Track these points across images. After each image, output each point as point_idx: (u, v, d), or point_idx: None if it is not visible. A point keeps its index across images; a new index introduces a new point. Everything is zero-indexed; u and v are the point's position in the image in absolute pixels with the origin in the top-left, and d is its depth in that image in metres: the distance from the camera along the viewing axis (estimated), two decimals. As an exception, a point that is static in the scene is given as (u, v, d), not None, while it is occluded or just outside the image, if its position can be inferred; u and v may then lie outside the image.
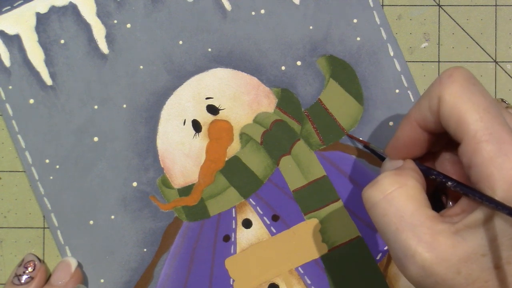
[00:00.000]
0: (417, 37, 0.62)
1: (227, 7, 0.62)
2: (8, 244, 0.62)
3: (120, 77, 0.61)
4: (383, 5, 0.62)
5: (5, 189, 0.62)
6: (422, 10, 0.62)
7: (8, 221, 0.62)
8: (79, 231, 0.61)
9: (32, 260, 0.60)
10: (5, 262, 0.62)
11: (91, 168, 0.61)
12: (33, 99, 0.61)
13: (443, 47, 0.62)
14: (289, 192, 0.61)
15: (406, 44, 0.62)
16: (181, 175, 0.61)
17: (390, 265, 0.61)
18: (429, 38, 0.62)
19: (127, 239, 0.61)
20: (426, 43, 0.62)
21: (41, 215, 0.62)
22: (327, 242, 0.61)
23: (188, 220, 0.61)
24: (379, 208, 0.48)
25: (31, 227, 0.62)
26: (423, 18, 0.62)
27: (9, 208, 0.62)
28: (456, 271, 0.45)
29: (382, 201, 0.48)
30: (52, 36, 0.61)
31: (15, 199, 0.62)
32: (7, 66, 0.61)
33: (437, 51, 0.62)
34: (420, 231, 0.46)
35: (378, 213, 0.48)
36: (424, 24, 0.62)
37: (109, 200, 0.61)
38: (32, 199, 0.62)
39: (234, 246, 0.61)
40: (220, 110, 0.62)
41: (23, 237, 0.62)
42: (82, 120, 0.61)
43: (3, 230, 0.62)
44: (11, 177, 0.62)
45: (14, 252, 0.62)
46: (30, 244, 0.62)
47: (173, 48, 0.62)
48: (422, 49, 0.62)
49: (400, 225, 0.47)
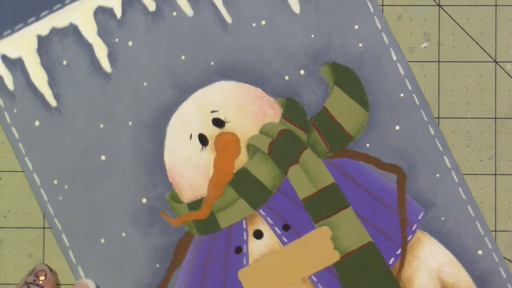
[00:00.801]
0: (417, 37, 0.62)
1: (227, 19, 0.61)
2: (8, 244, 0.62)
3: (124, 94, 0.61)
4: (383, 5, 0.62)
5: (5, 189, 0.62)
6: (422, 10, 0.62)
7: (8, 221, 0.62)
8: (90, 250, 0.61)
9: (44, 270, 0.60)
10: (5, 262, 0.62)
11: (100, 187, 0.61)
12: (39, 121, 0.61)
13: (443, 47, 0.62)
14: (298, 201, 0.61)
15: (406, 44, 0.62)
16: (190, 189, 0.61)
17: (403, 269, 0.61)
18: (429, 38, 0.62)
19: (139, 256, 0.61)
20: (426, 43, 0.62)
21: (41, 215, 0.62)
22: (339, 249, 0.61)
23: (199, 234, 0.61)
24: None
25: (31, 227, 0.62)
26: (423, 18, 0.62)
27: (9, 208, 0.62)
28: None
29: None
30: (54, 57, 0.61)
31: (15, 199, 0.62)
32: (11, 89, 0.61)
33: (437, 51, 0.62)
34: None
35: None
36: (424, 24, 0.62)
37: (119, 217, 0.61)
38: (32, 199, 0.62)
39: (246, 258, 0.61)
40: (226, 123, 0.61)
41: (23, 237, 0.62)
42: (88, 139, 0.61)
43: (3, 230, 0.62)
44: (11, 177, 0.62)
45: (14, 252, 0.62)
46: (30, 244, 0.62)
47: (175, 63, 0.61)
48: (422, 49, 0.62)
49: None
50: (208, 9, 0.62)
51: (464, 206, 0.61)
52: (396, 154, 0.61)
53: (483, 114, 0.62)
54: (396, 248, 0.61)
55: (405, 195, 0.61)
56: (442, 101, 0.62)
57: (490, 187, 0.62)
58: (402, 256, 0.61)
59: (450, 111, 0.62)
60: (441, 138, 0.61)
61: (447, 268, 0.61)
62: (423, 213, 0.61)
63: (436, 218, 0.61)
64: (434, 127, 0.61)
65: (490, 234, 0.61)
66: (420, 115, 0.61)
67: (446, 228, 0.61)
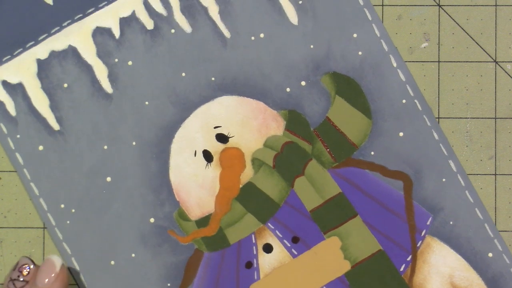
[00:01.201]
0: (417, 37, 0.62)
1: (226, 34, 0.61)
2: (8, 244, 0.62)
3: (126, 114, 0.61)
4: (383, 5, 0.62)
5: (5, 189, 0.62)
6: (422, 10, 0.62)
7: (8, 221, 0.62)
8: (101, 272, 0.61)
9: (26, 264, 0.59)
10: (5, 262, 0.62)
11: (107, 209, 0.61)
12: (42, 145, 0.61)
13: (443, 47, 0.62)
14: (306, 213, 0.61)
15: (406, 44, 0.62)
16: (197, 206, 0.61)
17: (415, 276, 0.61)
18: (429, 38, 0.62)
19: (150, 276, 0.61)
20: (426, 43, 0.62)
21: None
22: (350, 258, 0.61)
23: (208, 251, 0.61)
24: None
25: (31, 227, 0.62)
26: (423, 18, 0.62)
27: (9, 208, 0.62)
28: None
29: None
30: (55, 81, 0.61)
31: (15, 199, 0.62)
32: (13, 115, 0.61)
33: (437, 51, 0.62)
34: None
35: None
36: (424, 24, 0.62)
37: (128, 238, 0.61)
38: (32, 199, 0.62)
39: (257, 272, 0.61)
40: (230, 138, 0.61)
41: (23, 237, 0.62)
42: (93, 162, 0.61)
43: (3, 230, 0.62)
44: (11, 177, 0.62)
45: (14, 252, 0.62)
46: (30, 244, 0.62)
47: (176, 80, 0.61)
48: (422, 49, 0.62)
49: None
50: (206, 25, 0.62)
51: (472, 209, 0.61)
52: (402, 161, 0.61)
53: (483, 114, 0.62)
54: (406, 255, 0.61)
55: (412, 201, 0.61)
56: (442, 101, 0.62)
57: (490, 187, 0.62)
58: (412, 262, 0.61)
59: (450, 111, 0.62)
60: (445, 142, 0.61)
61: (458, 272, 0.61)
62: (432, 218, 0.61)
63: (444, 223, 0.61)
64: (438, 131, 0.61)
65: (499, 236, 0.61)
66: (423, 120, 0.61)
67: (455, 232, 0.61)
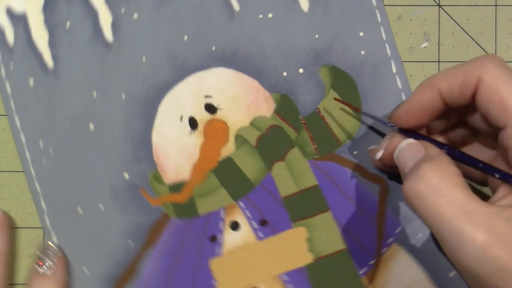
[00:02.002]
0: (417, 37, 0.62)
1: (235, 7, 0.62)
2: None
3: (122, 67, 0.61)
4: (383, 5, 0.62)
5: (5, 189, 0.62)
6: (422, 10, 0.62)
7: None
8: (66, 217, 0.61)
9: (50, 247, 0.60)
10: None
11: (84, 155, 0.61)
12: (33, 80, 0.61)
13: (443, 47, 0.62)
14: (279, 198, 0.61)
15: (406, 44, 0.62)
16: (173, 171, 0.61)
17: (374, 281, 0.61)
18: (429, 38, 0.62)
19: (114, 231, 0.61)
20: (426, 43, 0.62)
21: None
22: (313, 251, 0.61)
23: (176, 217, 0.61)
24: (428, 200, 0.48)
25: (31, 227, 0.62)
26: (423, 18, 0.62)
27: (9, 208, 0.62)
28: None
29: (430, 193, 0.48)
30: (58, 18, 0.61)
31: (15, 199, 0.62)
32: (11, 44, 0.61)
33: (437, 51, 0.62)
34: (474, 217, 0.46)
35: (427, 206, 0.48)
36: (424, 24, 0.62)
37: (99, 189, 0.61)
38: (32, 199, 0.62)
39: (220, 247, 0.61)
40: (218, 110, 0.61)
41: (23, 237, 0.62)
42: (79, 106, 0.61)
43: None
44: (11, 177, 0.62)
45: (14, 252, 0.62)
46: (30, 244, 0.62)
47: (177, 43, 0.62)
48: (422, 49, 0.62)
49: (453, 213, 0.47)
50: (218, -6, 0.62)
51: (443, 227, 0.61)
52: (383, 166, 0.61)
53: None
54: (369, 258, 0.61)
55: (385, 208, 0.61)
56: None
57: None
58: (374, 267, 0.61)
59: (450, 110, 0.62)
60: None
61: (417, 285, 0.61)
62: (401, 228, 0.61)
63: (413, 234, 0.61)
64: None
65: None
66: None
67: (422, 245, 0.61)
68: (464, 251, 0.46)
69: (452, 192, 0.47)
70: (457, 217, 0.46)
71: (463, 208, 0.46)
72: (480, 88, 0.48)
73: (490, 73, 0.48)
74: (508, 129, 0.47)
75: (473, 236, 0.45)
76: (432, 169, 0.49)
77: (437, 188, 0.48)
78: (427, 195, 0.48)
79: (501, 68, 0.48)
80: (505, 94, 0.47)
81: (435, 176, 0.48)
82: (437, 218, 0.47)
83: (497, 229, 0.45)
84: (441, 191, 0.47)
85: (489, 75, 0.48)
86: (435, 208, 0.47)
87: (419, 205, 0.49)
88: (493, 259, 0.45)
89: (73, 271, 0.61)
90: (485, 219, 0.46)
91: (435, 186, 0.48)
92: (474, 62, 0.49)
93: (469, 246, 0.46)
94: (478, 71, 0.48)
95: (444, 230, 0.47)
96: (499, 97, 0.47)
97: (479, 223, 0.46)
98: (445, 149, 0.52)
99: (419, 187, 0.48)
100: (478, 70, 0.48)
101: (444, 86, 0.50)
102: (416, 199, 0.49)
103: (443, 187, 0.48)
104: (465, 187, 0.48)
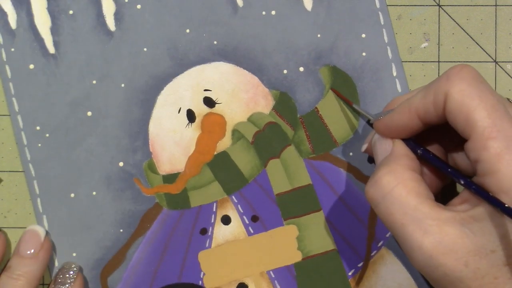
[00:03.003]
0: (417, 37, 0.62)
1: (239, 2, 0.62)
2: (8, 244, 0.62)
3: (122, 56, 0.61)
4: (382, 4, 0.62)
5: (5, 189, 0.62)
6: (422, 10, 0.62)
7: (8, 221, 0.62)
8: (59, 202, 0.61)
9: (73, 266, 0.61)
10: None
11: (80, 142, 0.61)
12: (34, 64, 0.61)
13: (443, 47, 0.62)
14: (272, 195, 0.61)
15: (406, 44, 0.62)
16: (168, 162, 0.61)
17: (361, 283, 0.61)
18: (429, 38, 0.62)
19: (105, 218, 0.61)
20: (426, 43, 0.62)
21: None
22: (302, 250, 0.61)
23: (168, 208, 0.61)
24: (383, 207, 0.49)
25: None
26: (423, 18, 0.62)
27: (9, 208, 0.62)
28: (464, 264, 0.46)
29: (384, 200, 0.49)
30: (61, 5, 0.62)
31: (15, 199, 0.62)
32: (13, 28, 0.62)
33: (437, 51, 0.62)
34: (425, 223, 0.47)
35: (383, 212, 0.49)
36: (424, 24, 0.62)
37: (93, 176, 0.61)
38: (31, 199, 0.62)
39: (210, 241, 0.61)
40: (217, 104, 0.62)
41: None
42: (78, 93, 0.61)
43: (3, 230, 0.62)
44: (11, 177, 0.62)
45: None
46: None
47: (179, 35, 0.62)
48: (422, 49, 0.62)
49: (405, 220, 0.48)
50: (223, -12, 0.62)
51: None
52: (378, 169, 0.61)
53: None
54: (358, 260, 0.61)
55: (378, 211, 0.61)
56: None
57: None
58: (362, 269, 0.61)
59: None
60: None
61: (404, 290, 0.61)
62: (392, 232, 0.61)
63: (403, 239, 0.61)
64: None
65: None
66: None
67: (412, 251, 0.61)
68: (414, 256, 0.48)
69: (403, 199, 0.48)
70: (407, 223, 0.48)
71: (414, 215, 0.48)
72: (448, 103, 0.49)
73: (457, 87, 0.48)
74: (471, 142, 0.48)
75: (421, 242, 0.47)
76: (387, 175, 0.50)
77: (391, 196, 0.49)
78: (381, 201, 0.49)
79: (468, 81, 0.48)
80: (471, 107, 0.47)
81: (389, 182, 0.49)
82: (390, 224, 0.49)
83: (447, 235, 0.46)
84: (393, 198, 0.49)
85: (455, 90, 0.48)
86: (388, 215, 0.49)
87: (376, 209, 0.50)
88: (440, 265, 0.46)
89: (62, 256, 0.61)
90: (435, 225, 0.47)
91: (388, 192, 0.49)
92: (442, 77, 0.50)
93: (418, 252, 0.47)
94: (445, 86, 0.49)
95: (397, 236, 0.49)
96: (465, 110, 0.47)
97: (428, 229, 0.47)
98: (421, 150, 0.52)
99: (375, 193, 0.50)
100: (446, 85, 0.49)
101: (420, 107, 0.51)
102: (373, 204, 0.51)
103: (395, 193, 0.49)
104: (419, 192, 0.49)
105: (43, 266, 0.59)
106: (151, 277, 0.61)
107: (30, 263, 0.58)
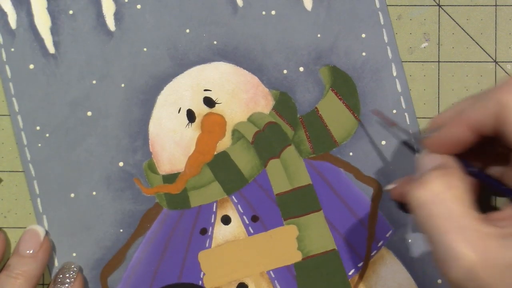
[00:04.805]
0: (417, 37, 0.62)
1: (239, 2, 0.62)
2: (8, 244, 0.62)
3: (122, 56, 0.61)
4: (383, 4, 0.62)
5: (5, 189, 0.62)
6: (422, 10, 0.62)
7: (8, 221, 0.62)
8: (59, 202, 0.61)
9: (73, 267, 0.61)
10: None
11: (80, 142, 0.61)
12: (34, 64, 0.61)
13: (443, 47, 0.62)
14: (272, 195, 0.61)
15: (406, 44, 0.62)
16: (168, 162, 0.61)
17: (361, 283, 0.61)
18: (429, 38, 0.62)
19: (105, 218, 0.61)
20: (426, 43, 0.62)
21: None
22: (302, 250, 0.61)
23: (168, 208, 0.61)
24: (427, 208, 0.47)
25: None
26: (423, 18, 0.62)
27: (9, 208, 0.62)
28: (501, 278, 0.45)
29: (430, 202, 0.47)
30: (61, 5, 0.62)
31: (15, 199, 0.62)
32: (13, 28, 0.62)
33: (437, 51, 0.62)
34: (468, 233, 0.46)
35: (425, 214, 0.47)
36: (424, 24, 0.62)
37: (93, 176, 0.61)
38: (31, 199, 0.62)
39: (210, 240, 0.61)
40: (217, 104, 0.62)
41: None
42: (78, 93, 0.61)
43: (3, 230, 0.62)
44: (11, 177, 0.62)
45: None
46: None
47: (179, 35, 0.62)
48: (422, 49, 0.62)
49: (448, 226, 0.46)
50: (222, -12, 0.62)
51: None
52: (377, 169, 0.61)
53: (482, 115, 0.62)
54: (358, 260, 0.61)
55: (377, 211, 0.61)
56: (442, 101, 0.62)
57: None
58: (362, 269, 0.61)
59: (450, 111, 0.62)
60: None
61: (404, 290, 0.61)
62: (392, 232, 0.61)
63: (403, 239, 0.61)
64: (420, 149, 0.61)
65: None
66: (408, 134, 0.61)
67: (411, 251, 0.61)
68: (452, 265, 0.46)
69: (450, 205, 0.47)
70: (451, 230, 0.46)
71: (458, 223, 0.46)
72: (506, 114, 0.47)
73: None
74: None
75: (463, 254, 0.45)
76: (440, 180, 0.48)
77: (439, 199, 0.47)
78: (428, 202, 0.48)
79: None
80: None
81: (440, 185, 0.48)
82: (432, 228, 0.47)
83: (489, 250, 0.45)
84: (441, 203, 0.47)
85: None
86: (432, 217, 0.47)
87: (417, 211, 0.48)
88: (479, 279, 0.45)
89: (62, 256, 0.61)
90: (476, 238, 0.45)
91: (437, 196, 0.47)
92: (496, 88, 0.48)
93: (458, 262, 0.45)
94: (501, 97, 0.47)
95: (437, 241, 0.47)
96: None
97: (470, 240, 0.45)
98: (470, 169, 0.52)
99: (422, 193, 0.48)
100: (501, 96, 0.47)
101: (472, 120, 0.49)
102: (416, 204, 0.48)
103: (445, 197, 0.47)
104: (467, 202, 0.47)
105: (42, 266, 0.59)
106: (151, 277, 0.61)
107: (29, 262, 0.58)
